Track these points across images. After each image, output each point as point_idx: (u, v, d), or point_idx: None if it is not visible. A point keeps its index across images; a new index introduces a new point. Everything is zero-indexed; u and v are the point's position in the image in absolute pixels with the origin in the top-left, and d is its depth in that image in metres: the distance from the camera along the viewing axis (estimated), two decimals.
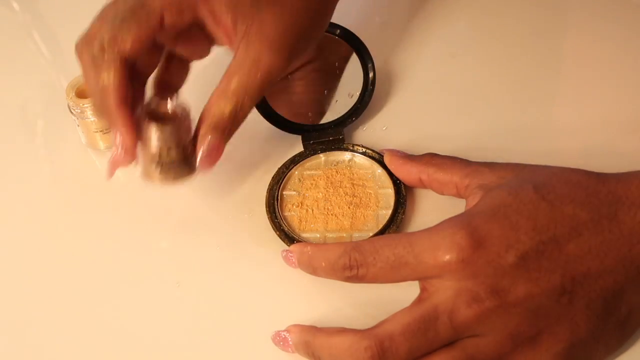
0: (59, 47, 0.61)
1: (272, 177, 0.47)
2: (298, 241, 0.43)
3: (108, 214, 0.47)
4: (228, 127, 0.40)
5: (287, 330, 0.38)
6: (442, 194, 0.44)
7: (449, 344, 0.35)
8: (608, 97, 0.51)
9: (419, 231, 0.36)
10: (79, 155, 0.51)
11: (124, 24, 0.40)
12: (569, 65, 0.54)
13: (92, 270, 0.44)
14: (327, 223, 0.44)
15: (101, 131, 0.49)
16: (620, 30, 0.55)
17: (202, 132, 0.40)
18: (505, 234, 0.34)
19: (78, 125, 0.50)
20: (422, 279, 0.36)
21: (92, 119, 0.49)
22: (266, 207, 0.45)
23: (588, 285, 0.34)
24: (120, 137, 0.40)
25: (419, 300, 0.36)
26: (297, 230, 0.44)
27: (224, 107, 0.40)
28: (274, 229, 0.44)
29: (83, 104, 0.48)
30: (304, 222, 0.44)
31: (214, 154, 0.40)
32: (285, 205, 0.45)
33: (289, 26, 0.41)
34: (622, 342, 0.36)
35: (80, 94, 0.49)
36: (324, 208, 0.45)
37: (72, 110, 0.49)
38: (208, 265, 0.44)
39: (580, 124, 0.49)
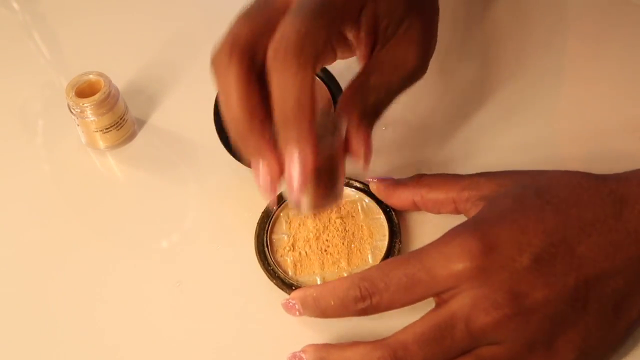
0: (59, 47, 0.61)
1: (257, 223, 0.44)
2: (297, 287, 0.40)
3: (108, 214, 0.47)
4: (372, 118, 0.38)
5: (302, 351, 0.37)
6: (439, 213, 0.42)
7: (464, 353, 0.34)
8: (608, 97, 0.50)
9: (425, 246, 0.35)
10: (79, 155, 0.51)
11: (316, 18, 0.33)
12: (568, 65, 0.54)
13: (92, 270, 0.44)
14: (323, 263, 0.42)
15: (101, 131, 0.49)
16: (620, 30, 0.55)
17: (354, 125, 0.37)
18: (516, 237, 0.34)
19: (78, 125, 0.50)
20: (439, 293, 0.35)
21: (92, 119, 0.48)
22: (257, 254, 0.42)
23: (600, 288, 0.34)
24: (308, 156, 0.33)
25: (435, 309, 0.35)
26: (293, 276, 0.41)
27: (366, 100, 0.37)
28: (269, 278, 0.41)
29: (83, 104, 0.48)
30: (299, 266, 0.42)
31: (370, 145, 0.37)
32: (277, 250, 0.43)
33: (429, 30, 0.40)
34: (625, 341, 0.36)
35: (80, 94, 0.49)
36: (317, 248, 0.42)
37: (72, 110, 0.49)
38: (208, 265, 0.43)
39: (580, 124, 0.49)
